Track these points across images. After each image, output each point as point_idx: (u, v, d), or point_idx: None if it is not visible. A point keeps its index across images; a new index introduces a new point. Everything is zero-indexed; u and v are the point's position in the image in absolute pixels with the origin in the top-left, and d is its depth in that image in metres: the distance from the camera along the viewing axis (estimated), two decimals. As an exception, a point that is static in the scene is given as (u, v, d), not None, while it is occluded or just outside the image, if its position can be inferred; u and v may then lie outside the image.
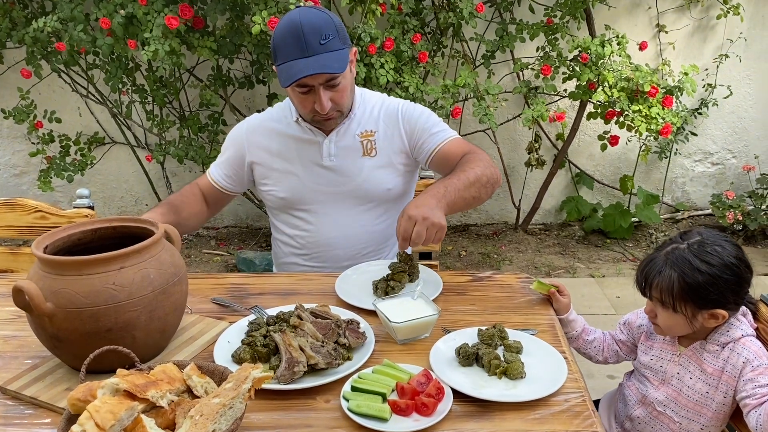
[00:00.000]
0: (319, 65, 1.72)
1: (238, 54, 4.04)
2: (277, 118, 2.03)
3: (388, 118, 2.00)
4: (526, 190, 4.76)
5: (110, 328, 1.31)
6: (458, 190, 1.74)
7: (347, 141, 1.97)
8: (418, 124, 1.97)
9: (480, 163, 1.83)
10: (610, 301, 3.67)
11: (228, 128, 4.33)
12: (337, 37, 1.76)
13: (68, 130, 4.47)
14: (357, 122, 1.98)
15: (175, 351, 1.47)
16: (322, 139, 1.96)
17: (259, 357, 1.41)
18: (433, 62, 4.01)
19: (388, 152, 1.99)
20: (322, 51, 1.73)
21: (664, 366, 1.59)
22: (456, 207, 1.74)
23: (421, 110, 2.01)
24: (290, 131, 1.99)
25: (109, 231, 1.52)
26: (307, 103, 1.83)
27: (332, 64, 1.74)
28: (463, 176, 1.77)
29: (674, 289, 1.45)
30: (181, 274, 1.44)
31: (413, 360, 1.41)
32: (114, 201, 4.86)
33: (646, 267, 1.52)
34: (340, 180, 1.98)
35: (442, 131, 1.97)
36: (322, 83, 1.77)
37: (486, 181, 1.81)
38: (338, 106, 1.86)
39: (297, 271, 2.08)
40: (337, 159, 1.97)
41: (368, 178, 1.98)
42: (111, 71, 3.97)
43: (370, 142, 1.98)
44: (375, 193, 2.00)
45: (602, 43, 3.86)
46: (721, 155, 4.79)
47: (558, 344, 1.48)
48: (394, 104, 2.02)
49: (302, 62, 1.72)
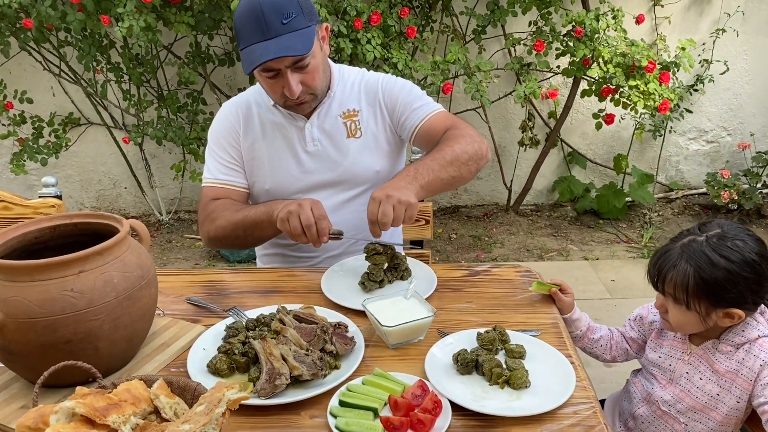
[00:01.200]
0: (282, 47, 1.57)
1: (217, 30, 3.86)
2: (256, 103, 1.87)
3: (368, 94, 1.86)
4: (518, 170, 4.64)
5: (69, 340, 1.17)
6: (432, 171, 1.61)
7: (330, 123, 1.84)
8: (399, 98, 1.84)
9: (461, 140, 1.69)
10: (604, 284, 3.57)
11: (209, 108, 4.16)
12: (301, 14, 1.61)
13: (41, 111, 4.27)
14: (338, 102, 1.84)
15: (145, 360, 1.34)
16: (303, 123, 1.82)
17: (237, 367, 1.28)
18: (422, 38, 3.85)
19: (373, 131, 1.86)
20: (285, 31, 1.58)
21: (673, 364, 1.49)
22: (433, 188, 1.62)
23: (402, 84, 1.87)
24: (270, 116, 1.85)
25: (69, 228, 1.37)
26: (276, 88, 1.69)
27: (296, 45, 1.59)
28: (438, 156, 1.65)
29: (689, 285, 1.34)
30: (149, 276, 1.30)
31: (407, 368, 1.29)
32: (92, 184, 4.68)
33: (659, 259, 1.40)
34: (326, 166, 1.85)
35: (425, 105, 1.83)
36: (289, 66, 1.62)
37: (467, 159, 1.68)
38: (310, 88, 1.71)
39: (281, 263, 1.94)
40: (321, 144, 1.84)
41: (355, 161, 1.85)
42: (84, 49, 3.78)
43: (353, 122, 1.84)
44: (364, 176, 1.86)
45: (597, 17, 3.71)
46: (715, 133, 4.68)
47: (563, 347, 1.36)
48: (374, 79, 1.88)
49: (263, 45, 1.58)
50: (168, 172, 4.55)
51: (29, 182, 4.57)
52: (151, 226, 4.54)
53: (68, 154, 4.46)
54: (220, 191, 1.85)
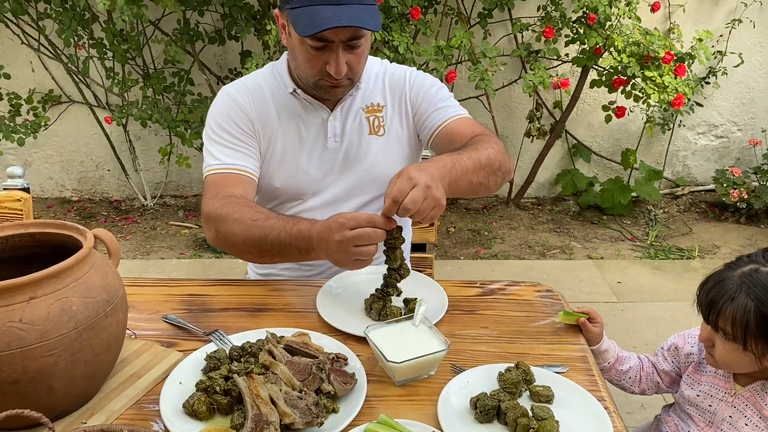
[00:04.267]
0: (353, 17, 1.37)
1: (207, 6, 3.63)
2: (270, 88, 1.64)
3: (394, 89, 1.68)
4: (520, 162, 4.45)
5: (17, 380, 0.98)
6: (466, 169, 1.40)
7: (352, 117, 1.64)
8: (427, 94, 1.66)
9: (495, 147, 1.49)
10: (610, 286, 3.41)
11: (196, 88, 3.94)
12: None
13: (18, 88, 4.02)
14: (361, 95, 1.66)
15: (111, 395, 1.15)
16: (326, 115, 1.62)
17: (217, 408, 1.10)
18: (425, 20, 3.63)
19: (397, 131, 1.68)
20: (355, 2, 1.39)
21: (714, 405, 1.32)
22: (458, 189, 1.40)
23: (432, 80, 1.69)
24: (288, 105, 1.62)
25: (25, 239, 1.18)
26: (317, 62, 1.47)
27: (367, 19, 1.39)
28: (474, 155, 1.43)
29: (749, 323, 1.16)
30: (117, 300, 1.10)
31: (416, 411, 1.11)
32: (73, 166, 4.45)
33: (713, 288, 1.22)
34: (345, 165, 1.65)
35: (452, 107, 1.65)
36: (344, 40, 1.43)
37: (497, 168, 1.48)
38: (352, 72, 1.51)
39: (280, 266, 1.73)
40: (342, 140, 1.64)
41: (377, 160, 1.65)
42: (64, 22, 3.53)
43: (377, 118, 1.65)
44: (384, 178, 1.59)
45: (610, 3, 3.51)
46: (726, 128, 4.51)
47: (595, 387, 1.19)
48: (399, 72, 1.70)
49: (331, 9, 1.37)
50: (153, 155, 4.33)
51: (6, 162, 4.33)
52: (135, 211, 4.33)
53: (48, 133, 4.23)
54: (230, 178, 1.55)
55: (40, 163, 4.41)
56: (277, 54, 3.52)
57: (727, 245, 3.92)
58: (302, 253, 1.36)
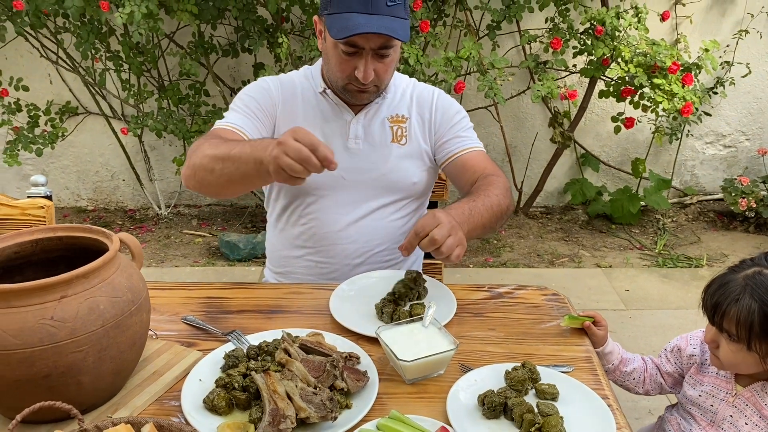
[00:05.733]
0: (383, 26, 1.50)
1: (221, 19, 3.72)
2: (302, 86, 1.76)
3: (421, 105, 1.79)
4: (529, 171, 4.50)
5: (48, 374, 1.03)
6: (481, 216, 1.50)
7: (376, 124, 1.74)
8: (452, 120, 1.77)
9: (503, 191, 1.61)
10: (619, 294, 3.43)
11: (211, 100, 4.02)
12: (404, 5, 1.55)
13: (37, 99, 4.12)
14: (388, 104, 1.76)
15: (135, 391, 1.20)
16: (350, 117, 1.72)
17: (236, 403, 1.15)
18: (435, 32, 3.69)
19: (418, 142, 1.77)
20: (388, 13, 1.51)
21: (716, 405, 1.35)
22: (473, 235, 1.49)
23: (457, 107, 1.81)
24: (315, 103, 1.73)
25: (53, 242, 1.24)
26: (346, 67, 1.59)
27: (398, 30, 1.51)
28: (488, 202, 1.54)
29: (753, 324, 1.20)
30: (141, 300, 1.16)
31: (426, 408, 1.16)
32: (89, 176, 4.54)
33: (718, 290, 1.26)
34: (363, 167, 1.73)
35: (471, 138, 1.78)
36: (375, 48, 1.54)
37: (504, 211, 1.60)
38: (379, 80, 1.62)
39: (299, 267, 1.81)
40: (363, 142, 1.73)
41: (395, 167, 1.74)
42: (82, 36, 3.62)
43: (401, 128, 1.75)
44: (400, 184, 1.76)
45: (617, 15, 3.56)
46: (734, 137, 4.53)
47: (599, 386, 1.23)
48: (428, 91, 1.81)
49: (363, 18, 1.49)
50: (168, 165, 4.41)
51: (24, 172, 4.44)
52: (149, 220, 4.40)
53: (65, 144, 4.32)
54: (228, 132, 1.61)
55: (57, 173, 4.50)
56: (289, 66, 3.60)
57: (736, 254, 3.94)
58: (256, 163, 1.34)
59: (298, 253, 1.81)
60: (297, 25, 3.89)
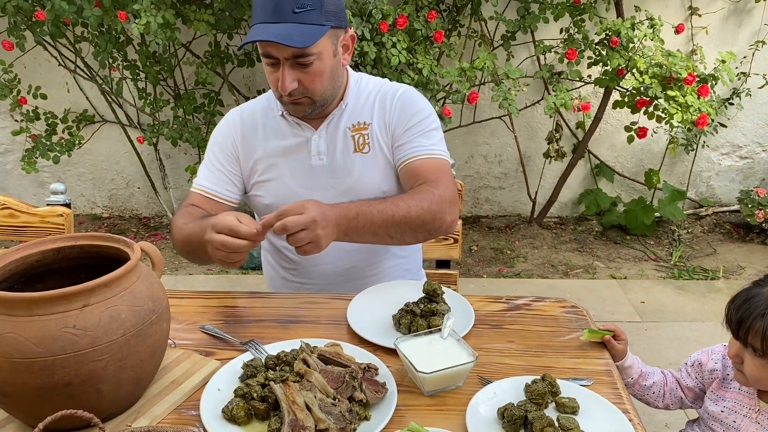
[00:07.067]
0: (278, 34, 1.43)
1: (237, 29, 3.74)
2: (263, 111, 1.74)
3: (382, 105, 1.69)
4: (543, 182, 4.48)
5: (69, 383, 1.04)
6: (372, 223, 1.45)
7: (338, 135, 1.68)
8: (409, 121, 1.66)
9: (428, 201, 1.50)
10: (634, 306, 3.41)
11: (226, 109, 4.04)
12: (319, 10, 1.46)
13: (55, 107, 4.17)
14: (348, 114, 1.69)
15: (154, 400, 1.20)
16: (310, 133, 1.68)
17: (255, 414, 1.15)
18: (449, 42, 3.70)
19: (381, 147, 1.68)
20: (293, 20, 1.44)
21: (738, 422, 1.34)
22: (359, 239, 1.47)
23: (419, 107, 1.68)
24: (276, 126, 1.71)
25: (74, 251, 1.25)
26: (273, 80, 1.56)
27: (294, 37, 1.43)
28: (390, 210, 1.47)
29: None
30: (161, 309, 1.16)
31: (445, 421, 1.15)
32: (104, 183, 4.57)
33: (743, 305, 1.25)
34: (330, 182, 1.68)
35: (424, 144, 1.64)
36: (288, 58, 1.48)
37: (418, 225, 1.50)
38: (307, 90, 1.55)
39: (287, 288, 1.82)
40: (326, 157, 1.68)
41: (361, 176, 1.68)
42: (100, 45, 3.66)
43: (362, 136, 1.68)
44: (369, 194, 1.66)
45: (633, 26, 3.55)
46: (750, 149, 4.50)
47: (619, 400, 1.22)
48: (392, 90, 1.71)
49: (264, 26, 1.46)
50: (182, 173, 4.43)
51: (41, 179, 4.48)
52: (164, 228, 4.43)
53: (81, 151, 4.36)
54: (198, 199, 1.71)
55: (73, 181, 4.54)
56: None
57: (753, 266, 3.90)
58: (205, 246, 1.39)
59: (284, 275, 1.83)
60: (312, 34, 3.91)
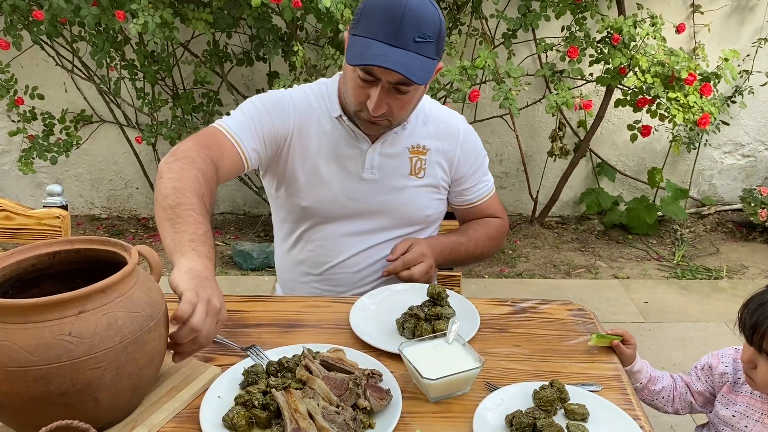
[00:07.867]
0: (401, 64, 1.37)
1: (236, 28, 3.71)
2: (319, 108, 1.64)
3: (443, 138, 1.70)
4: (544, 181, 4.45)
5: (65, 392, 1.01)
6: (459, 256, 1.75)
7: (395, 154, 1.65)
8: (475, 163, 1.76)
9: (496, 240, 1.83)
10: (637, 306, 3.38)
11: (225, 108, 4.01)
12: (435, 43, 1.43)
13: (52, 108, 4.13)
14: (409, 133, 1.66)
15: (153, 408, 1.17)
16: (366, 146, 1.63)
17: (256, 422, 1.12)
18: (450, 41, 3.67)
19: (435, 176, 1.70)
20: (413, 50, 1.39)
21: (750, 426, 1.31)
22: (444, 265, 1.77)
23: (480, 147, 1.79)
24: (330, 128, 1.63)
25: (70, 255, 1.21)
26: (360, 93, 1.48)
27: (415, 71, 1.39)
28: (471, 247, 1.76)
29: None
30: (159, 315, 1.13)
31: (451, 428, 1.13)
32: (102, 184, 4.54)
33: (757, 310, 1.22)
34: (378, 198, 1.66)
35: (488, 182, 1.83)
36: (392, 82, 1.43)
37: (484, 256, 1.84)
38: (392, 115, 1.51)
39: (305, 291, 1.78)
40: (379, 173, 1.64)
41: (410, 200, 1.68)
42: (97, 44, 3.63)
43: (420, 160, 1.67)
44: (414, 218, 1.71)
45: (635, 24, 3.52)
46: (752, 147, 4.47)
47: (629, 405, 1.19)
48: (453, 125, 1.72)
49: (384, 48, 1.38)
50: (181, 174, 4.39)
51: (38, 180, 4.44)
52: (163, 229, 4.39)
53: (79, 152, 4.32)
54: (221, 139, 1.52)
55: (71, 181, 4.51)
56: (304, 75, 3.58)
57: (756, 265, 3.88)
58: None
59: (304, 279, 1.78)
60: (312, 33, 3.88)
